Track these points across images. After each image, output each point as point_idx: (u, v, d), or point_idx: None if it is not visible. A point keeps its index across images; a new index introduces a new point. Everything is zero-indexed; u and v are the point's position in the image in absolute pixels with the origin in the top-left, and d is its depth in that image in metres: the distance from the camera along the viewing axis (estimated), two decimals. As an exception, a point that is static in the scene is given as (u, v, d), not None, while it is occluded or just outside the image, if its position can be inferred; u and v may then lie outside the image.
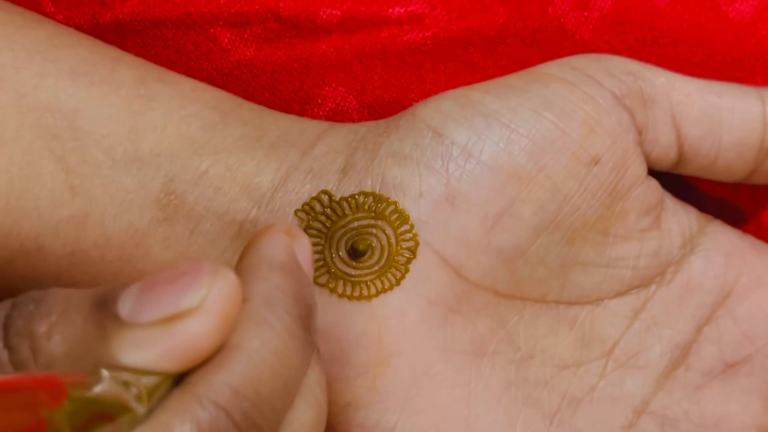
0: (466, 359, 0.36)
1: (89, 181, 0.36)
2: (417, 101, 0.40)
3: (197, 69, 0.40)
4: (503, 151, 0.35)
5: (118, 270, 0.36)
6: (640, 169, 0.37)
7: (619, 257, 0.37)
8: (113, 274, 0.36)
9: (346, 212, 0.36)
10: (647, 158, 0.38)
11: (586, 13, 0.40)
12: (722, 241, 0.39)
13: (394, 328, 0.35)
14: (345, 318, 0.35)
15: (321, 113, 0.40)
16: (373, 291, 0.35)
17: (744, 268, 0.38)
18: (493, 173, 0.35)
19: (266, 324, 0.28)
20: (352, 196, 0.36)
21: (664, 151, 0.38)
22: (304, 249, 0.32)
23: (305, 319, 0.30)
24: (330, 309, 0.35)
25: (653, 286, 0.38)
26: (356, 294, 0.35)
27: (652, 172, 0.38)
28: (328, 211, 0.36)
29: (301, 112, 0.40)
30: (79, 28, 0.40)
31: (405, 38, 0.40)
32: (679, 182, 0.40)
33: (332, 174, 0.36)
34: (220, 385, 0.27)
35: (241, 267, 0.30)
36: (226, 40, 0.40)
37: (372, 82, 0.40)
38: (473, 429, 0.36)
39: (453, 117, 0.36)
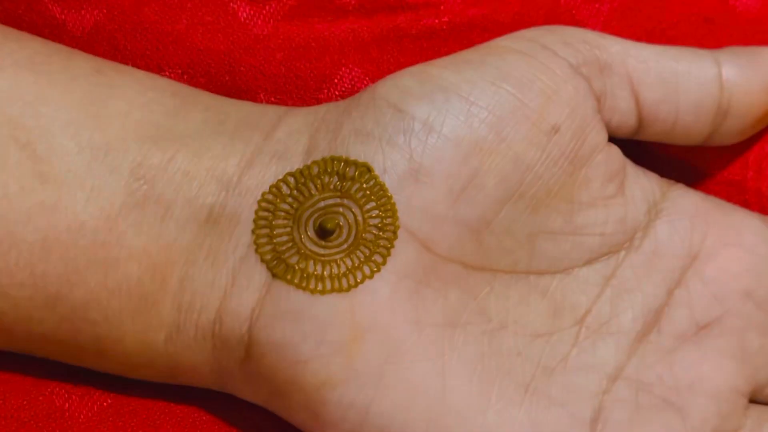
0: (438, 331, 0.36)
1: (57, 167, 0.36)
2: (430, 84, 0.40)
3: (214, 40, 0.40)
4: (464, 124, 0.36)
5: (93, 255, 0.36)
6: (600, 136, 0.38)
7: (585, 224, 0.38)
8: (88, 260, 0.36)
9: (313, 192, 0.36)
10: (607, 126, 0.38)
11: (597, 5, 0.41)
12: (685, 205, 0.39)
13: (366, 304, 0.35)
14: (317, 297, 0.35)
15: (337, 93, 0.40)
16: (343, 269, 0.35)
17: (709, 230, 0.39)
18: (455, 146, 0.36)
19: None
20: (318, 176, 0.36)
21: (624, 118, 0.38)
22: None
23: None
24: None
25: (622, 253, 0.38)
26: (326, 273, 0.35)
27: (613, 140, 0.39)
28: (295, 192, 0.36)
29: (317, 90, 0.40)
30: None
31: (421, 23, 0.40)
32: (637, 151, 0.40)
33: (297, 155, 0.36)
34: None
35: None
36: (245, 15, 0.40)
37: (388, 65, 0.40)
38: (448, 400, 0.36)
39: (412, 93, 0.36)
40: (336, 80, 0.40)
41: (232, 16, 0.40)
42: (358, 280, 0.35)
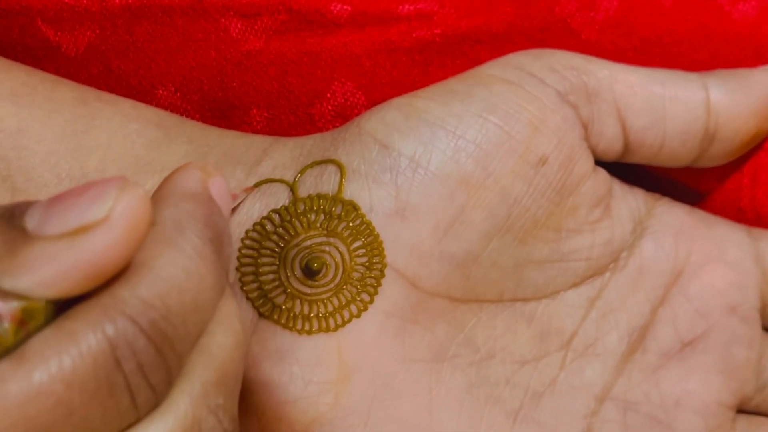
0: (425, 367, 0.37)
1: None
2: (424, 97, 0.40)
3: (206, 57, 0.40)
4: (450, 159, 0.36)
5: None
6: (587, 163, 0.38)
7: (572, 251, 0.38)
8: None
9: (298, 231, 0.36)
10: (594, 151, 0.38)
11: (592, 14, 0.41)
12: (670, 221, 0.39)
13: (353, 344, 0.36)
14: (303, 337, 0.35)
15: (329, 107, 0.41)
16: (330, 308, 0.36)
17: (693, 246, 0.39)
18: (441, 182, 0.36)
19: (174, 244, 0.28)
20: (304, 213, 0.36)
21: (610, 144, 0.38)
22: (218, 184, 0.31)
23: (216, 243, 0.29)
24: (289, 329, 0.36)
25: (607, 274, 0.39)
26: (313, 313, 0.36)
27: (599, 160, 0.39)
28: (280, 230, 0.36)
29: (310, 105, 0.41)
30: (88, 10, 0.40)
31: (414, 35, 0.40)
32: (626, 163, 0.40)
33: (282, 190, 0.36)
34: (128, 296, 0.27)
35: (154, 197, 0.30)
36: (237, 31, 0.40)
37: (380, 78, 0.40)
38: None
39: (398, 128, 0.36)
40: (328, 94, 0.41)
41: (223, 32, 0.40)
42: (345, 320, 0.36)
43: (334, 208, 0.36)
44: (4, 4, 0.40)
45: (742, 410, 0.40)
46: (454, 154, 0.36)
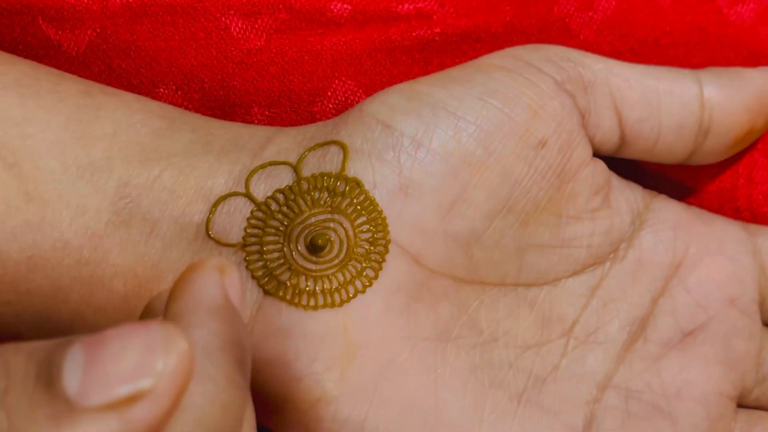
0: (430, 346, 0.36)
1: (43, 186, 0.36)
2: (423, 96, 0.40)
3: (207, 56, 0.41)
4: (452, 139, 0.36)
5: (77, 273, 0.36)
6: (585, 151, 0.38)
7: (572, 237, 0.38)
8: (72, 278, 0.36)
9: (303, 209, 0.36)
10: (591, 143, 0.39)
11: (590, 14, 0.41)
12: (669, 215, 0.40)
13: (359, 320, 0.35)
14: (309, 313, 0.35)
15: (330, 105, 0.41)
16: (335, 284, 0.35)
17: (692, 239, 0.39)
18: (444, 161, 0.36)
19: (208, 377, 0.28)
20: (308, 192, 0.36)
21: (607, 135, 0.39)
22: (234, 285, 0.31)
23: (242, 363, 0.29)
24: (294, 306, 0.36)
25: (608, 264, 0.39)
26: (319, 288, 0.35)
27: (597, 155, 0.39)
28: (285, 209, 0.36)
29: (311, 103, 0.41)
30: (88, 9, 0.40)
31: (414, 34, 0.41)
32: (623, 162, 0.41)
33: (285, 173, 0.36)
34: None
35: (175, 309, 0.29)
36: (237, 30, 0.41)
37: (381, 77, 0.41)
38: (442, 415, 0.36)
39: (400, 109, 0.36)
40: (329, 93, 0.41)
41: (224, 31, 0.40)
42: (351, 295, 0.35)
43: (338, 186, 0.36)
44: (5, 3, 0.40)
45: (741, 404, 0.40)
46: (455, 133, 0.36)
